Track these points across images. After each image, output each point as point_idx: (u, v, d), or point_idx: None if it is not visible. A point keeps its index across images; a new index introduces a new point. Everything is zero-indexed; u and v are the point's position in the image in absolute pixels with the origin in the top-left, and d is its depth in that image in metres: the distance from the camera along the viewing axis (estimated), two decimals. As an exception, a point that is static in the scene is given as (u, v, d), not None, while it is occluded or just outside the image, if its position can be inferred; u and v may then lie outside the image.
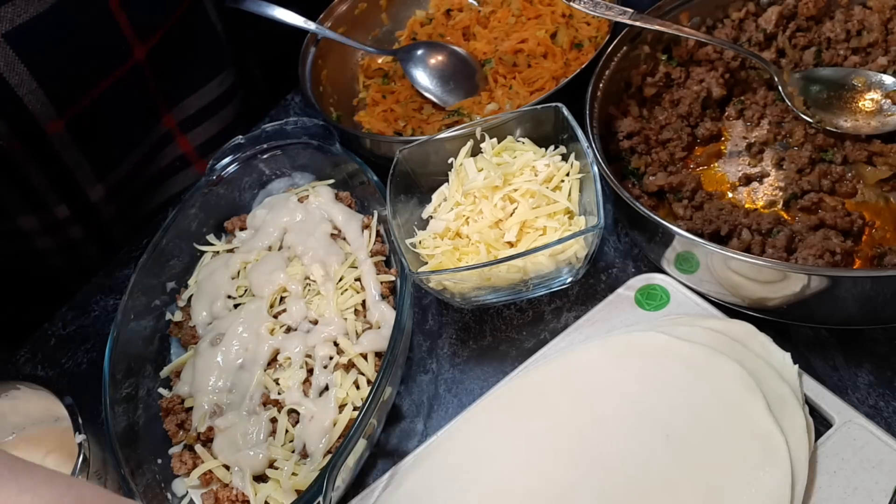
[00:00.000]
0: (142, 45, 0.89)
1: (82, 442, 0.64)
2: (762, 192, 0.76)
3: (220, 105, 1.04)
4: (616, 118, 0.81)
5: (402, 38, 1.08)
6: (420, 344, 0.77)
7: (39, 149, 0.86)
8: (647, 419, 0.63)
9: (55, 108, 0.83)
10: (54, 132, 0.85)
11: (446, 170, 0.80)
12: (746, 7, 0.86)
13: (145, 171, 1.01)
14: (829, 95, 0.78)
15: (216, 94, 1.03)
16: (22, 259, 0.97)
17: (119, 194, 0.98)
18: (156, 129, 0.99)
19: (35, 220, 0.93)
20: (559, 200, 0.73)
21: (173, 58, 0.95)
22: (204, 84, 1.01)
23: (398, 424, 0.72)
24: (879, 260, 0.67)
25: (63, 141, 0.87)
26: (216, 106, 1.03)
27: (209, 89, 1.02)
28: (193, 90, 1.01)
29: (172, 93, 0.98)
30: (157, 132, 1.00)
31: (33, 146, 0.85)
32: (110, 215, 0.98)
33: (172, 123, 1.01)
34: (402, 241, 0.73)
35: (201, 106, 1.02)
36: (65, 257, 0.99)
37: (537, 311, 0.77)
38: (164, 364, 0.79)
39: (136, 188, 1.00)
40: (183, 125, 1.02)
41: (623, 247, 0.79)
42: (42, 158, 0.87)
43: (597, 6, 0.83)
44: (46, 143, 0.85)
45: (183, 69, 0.98)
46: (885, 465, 0.58)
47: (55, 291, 0.97)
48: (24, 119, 0.81)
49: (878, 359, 0.66)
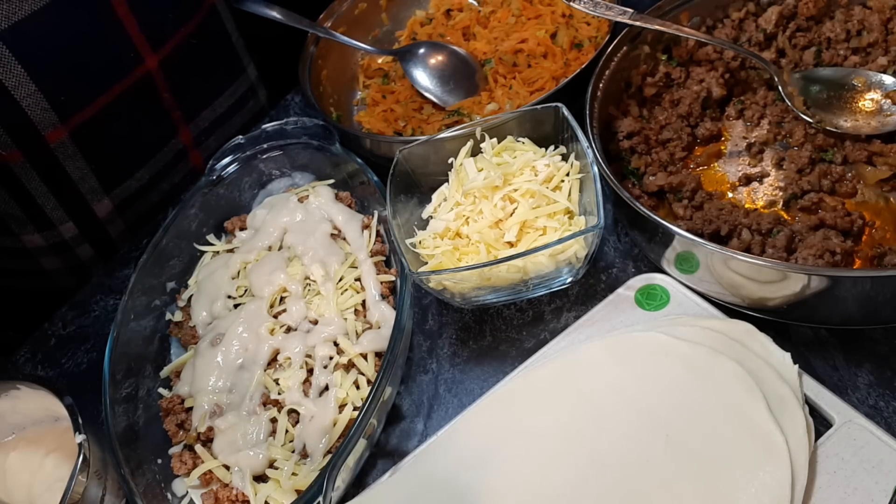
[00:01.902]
0: (153, 54, 0.87)
1: (82, 442, 0.64)
2: (762, 192, 0.76)
3: (230, 115, 1.02)
4: (616, 118, 0.81)
5: (402, 38, 1.08)
6: (420, 344, 0.77)
7: (41, 159, 0.83)
8: (647, 419, 0.63)
9: (57, 115, 0.81)
10: (56, 141, 0.82)
11: (446, 170, 0.80)
12: (746, 7, 0.86)
13: (157, 187, 0.98)
14: (829, 95, 0.78)
15: (228, 105, 1.01)
16: (27, 279, 0.95)
17: (126, 210, 0.95)
18: (170, 143, 0.97)
19: (40, 239, 0.90)
20: (559, 200, 0.73)
21: (189, 69, 0.93)
22: (218, 96, 0.99)
23: (398, 424, 0.72)
24: (879, 260, 0.67)
25: (67, 151, 0.84)
26: (226, 117, 1.02)
27: (223, 100, 1.00)
28: (209, 103, 0.99)
29: (189, 106, 0.96)
30: (173, 147, 0.97)
31: (34, 156, 0.82)
32: (118, 232, 0.96)
33: (189, 138, 0.98)
34: (402, 241, 0.73)
35: (214, 118, 1.00)
36: (74, 278, 0.96)
37: (537, 311, 0.77)
38: (164, 364, 0.79)
39: (145, 204, 0.98)
40: (198, 139, 1.00)
41: (623, 247, 0.79)
42: (44, 170, 0.84)
43: (597, 6, 0.83)
44: (48, 152, 0.83)
45: (199, 81, 0.96)
46: (885, 465, 0.58)
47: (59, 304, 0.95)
48: (22, 125, 0.79)
49: (878, 359, 0.66)
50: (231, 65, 1.01)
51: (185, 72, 0.92)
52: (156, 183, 0.97)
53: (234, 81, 1.01)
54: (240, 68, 1.02)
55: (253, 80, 1.06)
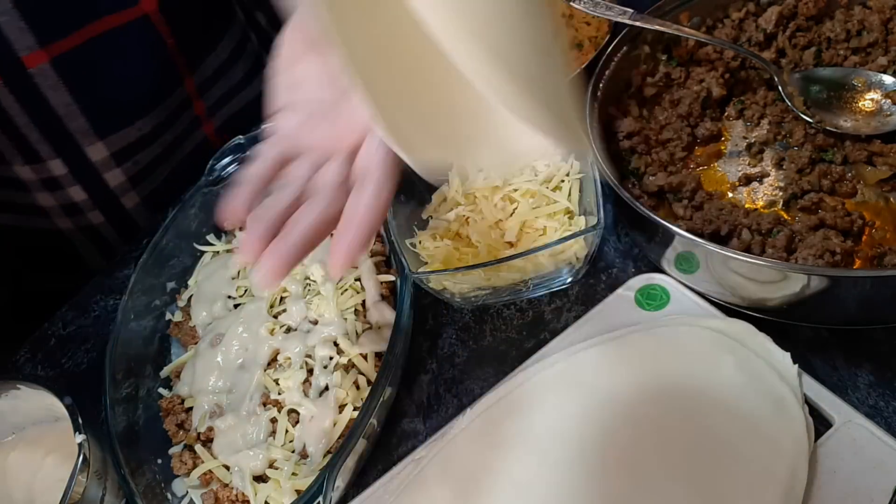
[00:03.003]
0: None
1: (82, 442, 0.64)
2: (762, 192, 0.76)
3: (231, 63, 0.99)
4: (616, 118, 0.81)
5: (402, 39, 1.08)
6: (420, 344, 0.77)
7: (18, 83, 0.77)
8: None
9: (35, 37, 0.74)
10: (36, 66, 0.76)
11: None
12: (746, 7, 0.86)
13: (160, 139, 0.93)
14: (829, 95, 0.78)
15: (228, 52, 0.98)
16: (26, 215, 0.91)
17: (125, 159, 0.91)
18: (175, 93, 0.93)
19: (31, 172, 0.85)
20: (559, 200, 0.73)
21: (185, 13, 0.89)
22: (218, 42, 0.96)
23: (398, 424, 0.72)
24: (879, 260, 0.67)
25: (48, 81, 0.78)
26: (227, 65, 0.99)
27: (223, 47, 0.97)
28: (211, 49, 0.95)
29: (192, 53, 0.92)
30: (178, 97, 0.94)
31: (11, 80, 0.76)
32: (117, 182, 0.91)
33: (192, 87, 0.95)
34: (402, 241, 0.73)
35: (217, 66, 0.97)
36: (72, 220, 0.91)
37: (537, 311, 0.77)
38: (164, 364, 0.79)
39: (147, 156, 0.93)
40: (201, 88, 0.96)
41: (623, 247, 0.79)
42: (23, 97, 0.78)
43: (597, 6, 0.83)
44: (27, 78, 0.77)
45: (197, 25, 0.92)
46: (885, 465, 0.58)
47: (64, 261, 0.91)
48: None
49: (878, 359, 0.66)
50: (223, 9, 0.98)
51: (183, 16, 0.89)
52: (159, 134, 0.93)
53: (229, 27, 0.98)
54: (230, 11, 1.00)
55: (243, 24, 1.03)
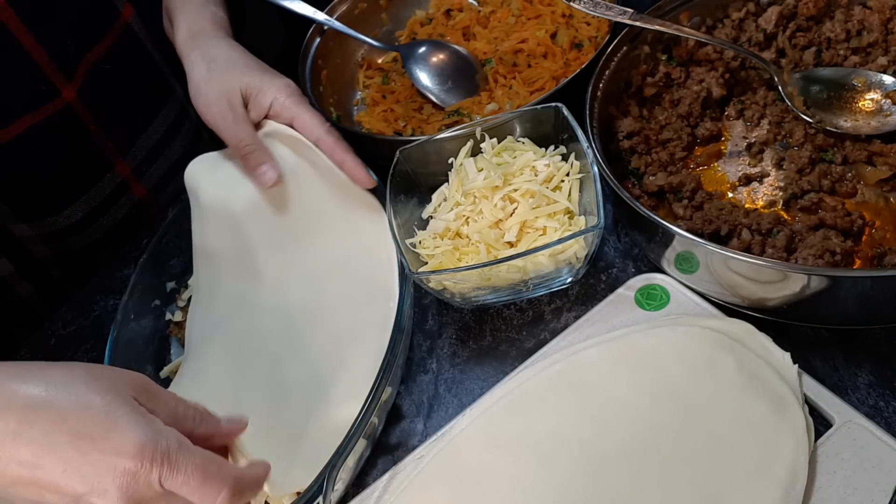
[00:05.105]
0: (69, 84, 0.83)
1: (82, 442, 0.64)
2: (762, 192, 0.76)
3: (167, 141, 0.98)
4: (616, 118, 0.81)
5: (401, 38, 1.08)
6: (420, 344, 0.77)
7: None
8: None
9: None
10: None
11: (446, 170, 0.80)
12: (746, 7, 0.86)
13: (97, 223, 0.94)
14: (829, 95, 0.78)
15: (162, 132, 0.97)
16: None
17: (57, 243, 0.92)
18: (105, 179, 0.92)
19: None
20: (559, 200, 0.73)
21: (112, 96, 0.89)
22: (151, 122, 0.95)
23: (398, 424, 0.72)
24: (879, 260, 0.67)
25: None
26: (163, 144, 0.97)
27: (155, 128, 0.96)
28: (142, 130, 0.94)
29: (120, 137, 0.92)
30: (110, 182, 0.93)
31: None
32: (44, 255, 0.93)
33: (127, 171, 0.94)
34: (402, 241, 0.73)
35: (151, 147, 0.96)
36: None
37: (537, 311, 0.77)
38: (164, 364, 0.79)
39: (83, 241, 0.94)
40: (137, 170, 0.95)
41: (623, 247, 0.79)
42: None
43: (597, 6, 0.83)
44: None
45: (125, 108, 0.92)
46: (885, 465, 0.58)
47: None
48: None
49: (878, 359, 0.66)
50: (158, 87, 0.97)
51: (108, 100, 0.89)
52: (94, 219, 0.94)
53: (164, 104, 0.97)
54: (168, 89, 0.98)
55: (182, 99, 1.00)
